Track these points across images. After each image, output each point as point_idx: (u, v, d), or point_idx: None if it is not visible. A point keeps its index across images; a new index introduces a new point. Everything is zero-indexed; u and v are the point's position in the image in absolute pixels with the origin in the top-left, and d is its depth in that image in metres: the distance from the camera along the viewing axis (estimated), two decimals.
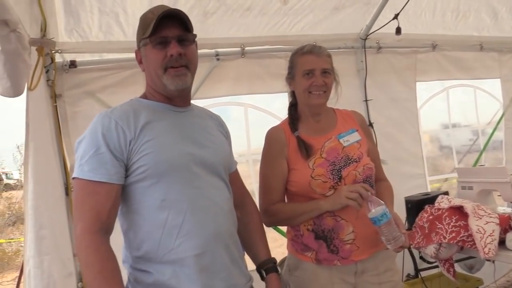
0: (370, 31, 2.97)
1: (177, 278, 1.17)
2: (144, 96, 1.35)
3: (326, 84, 1.60)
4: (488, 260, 2.03)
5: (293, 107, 1.72)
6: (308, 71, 1.59)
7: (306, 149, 1.58)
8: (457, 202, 2.24)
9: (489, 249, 1.95)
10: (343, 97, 2.93)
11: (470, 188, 2.57)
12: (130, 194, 1.20)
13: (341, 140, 1.62)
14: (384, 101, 3.12)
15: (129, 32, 2.34)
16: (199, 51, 2.00)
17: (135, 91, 2.47)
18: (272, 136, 1.66)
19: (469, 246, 2.05)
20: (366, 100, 3.07)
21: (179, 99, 1.33)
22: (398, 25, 2.77)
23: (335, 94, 1.69)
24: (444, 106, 3.45)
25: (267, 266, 1.40)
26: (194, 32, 1.31)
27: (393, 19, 2.78)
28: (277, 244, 3.05)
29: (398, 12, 2.73)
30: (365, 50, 3.04)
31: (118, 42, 2.36)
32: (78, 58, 2.37)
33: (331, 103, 1.75)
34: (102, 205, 1.14)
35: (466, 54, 3.46)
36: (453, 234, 2.10)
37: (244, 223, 1.46)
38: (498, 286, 3.41)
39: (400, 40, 2.92)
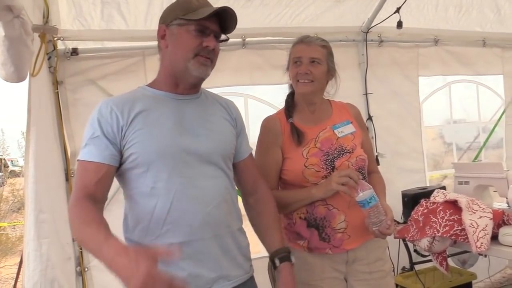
0: (372, 25, 2.97)
1: (164, 263, 1.16)
2: (152, 84, 1.38)
3: (312, 73, 1.60)
4: (480, 254, 2.05)
5: (290, 96, 1.73)
6: (296, 59, 1.62)
7: (298, 135, 1.60)
8: (452, 196, 2.26)
9: (481, 243, 1.97)
10: (344, 90, 2.95)
11: (467, 183, 2.59)
12: (127, 180, 1.28)
13: (335, 131, 1.64)
14: (386, 95, 3.13)
15: (131, 21, 2.36)
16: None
17: (136, 79, 2.54)
18: (267, 125, 1.68)
19: (462, 240, 2.07)
20: (366, 94, 3.08)
21: (187, 86, 1.36)
22: (400, 19, 2.76)
23: (334, 86, 1.71)
24: (446, 101, 3.44)
25: (280, 255, 1.38)
26: None
27: (395, 12, 2.77)
28: None
29: (400, 6, 2.73)
30: (366, 44, 3.04)
31: (119, 31, 2.38)
32: (80, 45, 2.39)
33: (328, 95, 1.77)
34: (90, 180, 1.21)
35: (469, 50, 3.45)
36: (447, 228, 2.12)
37: (258, 211, 1.46)
38: (493, 282, 3.43)
39: (402, 34, 2.92)
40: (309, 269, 1.56)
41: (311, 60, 1.60)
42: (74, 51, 2.36)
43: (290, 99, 1.72)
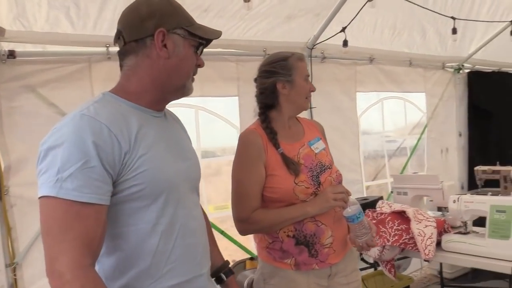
0: (317, 41, 3.09)
1: None
2: (125, 95, 1.11)
3: None
4: (427, 261, 2.21)
5: (267, 116, 1.66)
6: (306, 77, 1.67)
7: (294, 166, 1.57)
8: (397, 207, 2.43)
9: (429, 250, 2.13)
10: None
11: (405, 193, 2.79)
12: (115, 216, 1.03)
13: (312, 147, 1.66)
14: (328, 109, 3.26)
15: (79, 25, 2.18)
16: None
17: (80, 87, 2.36)
18: (249, 140, 1.61)
19: (410, 248, 2.23)
20: (310, 108, 3.18)
21: (166, 104, 1.20)
22: (345, 38, 2.92)
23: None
24: (379, 116, 3.70)
25: (225, 270, 1.40)
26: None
27: (341, 31, 2.92)
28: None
29: (346, 26, 2.88)
30: (311, 59, 3.15)
31: (65, 35, 2.19)
32: (18, 48, 2.15)
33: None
34: (93, 232, 0.95)
35: (398, 69, 3.76)
36: (396, 237, 2.27)
37: None
38: (416, 282, 3.74)
39: (346, 52, 3.08)
40: (295, 287, 1.56)
41: None
42: (11, 54, 2.11)
43: (268, 120, 1.65)
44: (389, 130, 3.88)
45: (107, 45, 2.33)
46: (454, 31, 3.19)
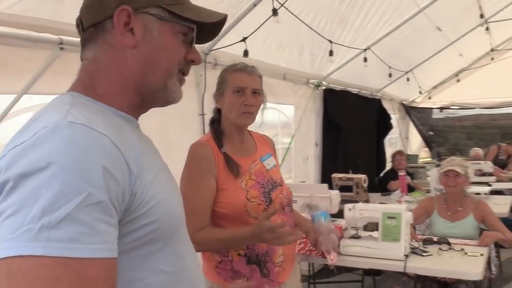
0: (213, 48, 3.04)
1: None
2: (99, 97, 0.79)
3: (255, 105, 1.58)
4: (331, 266, 2.40)
5: (215, 122, 1.62)
6: (238, 89, 1.55)
7: (235, 167, 1.52)
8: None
9: (334, 255, 2.32)
10: (182, 109, 2.91)
11: (295, 201, 2.95)
12: (120, 267, 0.72)
13: (264, 163, 1.63)
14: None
15: None
16: (40, 35, 1.87)
17: None
18: (198, 152, 1.51)
19: (315, 254, 2.38)
20: (202, 114, 3.11)
21: (143, 112, 0.89)
22: (246, 48, 2.96)
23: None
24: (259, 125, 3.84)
25: None
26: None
27: (241, 41, 2.96)
28: None
29: (247, 36, 2.92)
30: (205, 65, 3.08)
31: None
32: None
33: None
34: None
35: (274, 81, 3.97)
36: (302, 245, 2.40)
37: None
38: None
39: (251, 63, 3.09)
40: None
41: (253, 91, 1.57)
42: None
43: (217, 126, 1.60)
44: None
45: None
46: (331, 53, 3.55)
